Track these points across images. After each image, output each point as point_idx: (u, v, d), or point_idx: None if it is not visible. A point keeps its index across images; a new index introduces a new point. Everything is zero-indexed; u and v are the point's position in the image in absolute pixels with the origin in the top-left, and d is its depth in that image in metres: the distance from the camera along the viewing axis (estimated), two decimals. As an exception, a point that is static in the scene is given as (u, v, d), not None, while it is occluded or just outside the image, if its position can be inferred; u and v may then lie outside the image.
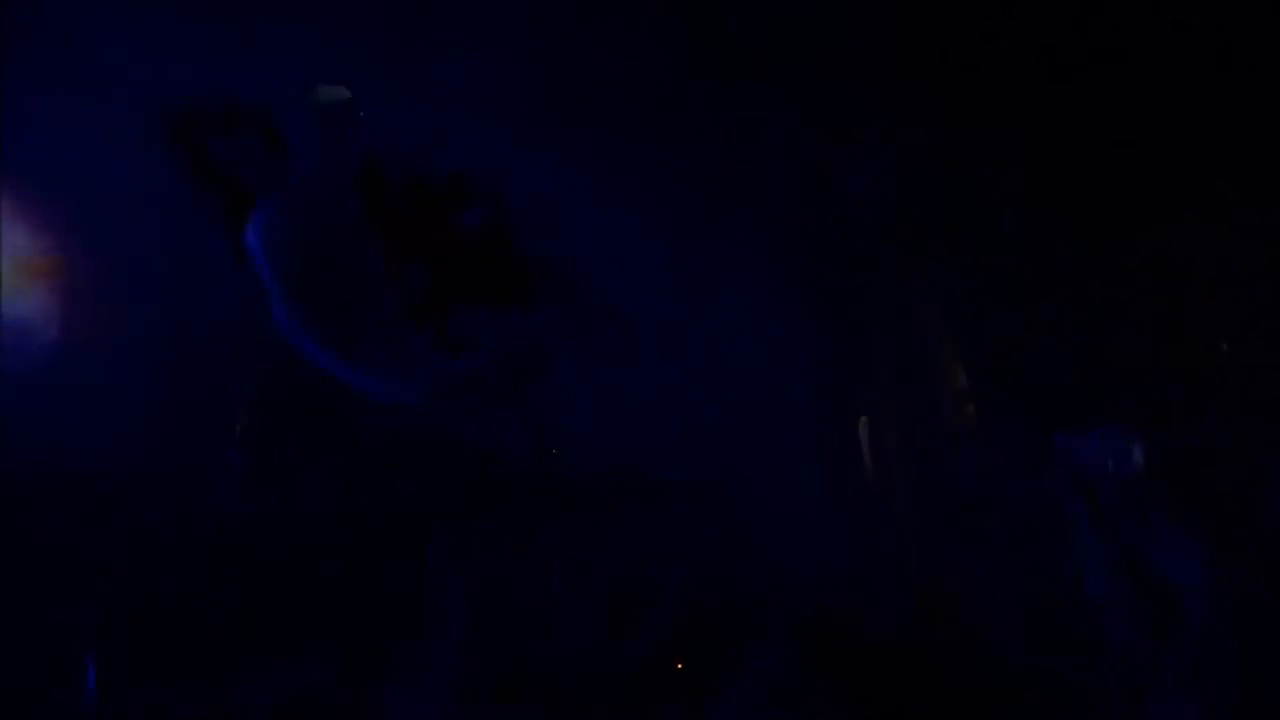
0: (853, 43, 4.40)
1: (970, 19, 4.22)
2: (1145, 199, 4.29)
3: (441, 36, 4.17)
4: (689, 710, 2.70)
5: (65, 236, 4.25)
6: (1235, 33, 3.95)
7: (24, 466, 3.80)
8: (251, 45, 3.98)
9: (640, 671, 2.85)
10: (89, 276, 4.32)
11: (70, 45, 4.05)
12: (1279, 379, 3.63)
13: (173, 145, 1.98)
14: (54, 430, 4.00)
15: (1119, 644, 2.40)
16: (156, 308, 4.47)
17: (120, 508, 3.82)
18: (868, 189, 4.84)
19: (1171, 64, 4.06)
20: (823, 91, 4.64)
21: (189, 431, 4.03)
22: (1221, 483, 2.84)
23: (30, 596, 3.40)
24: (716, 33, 4.33)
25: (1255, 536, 2.67)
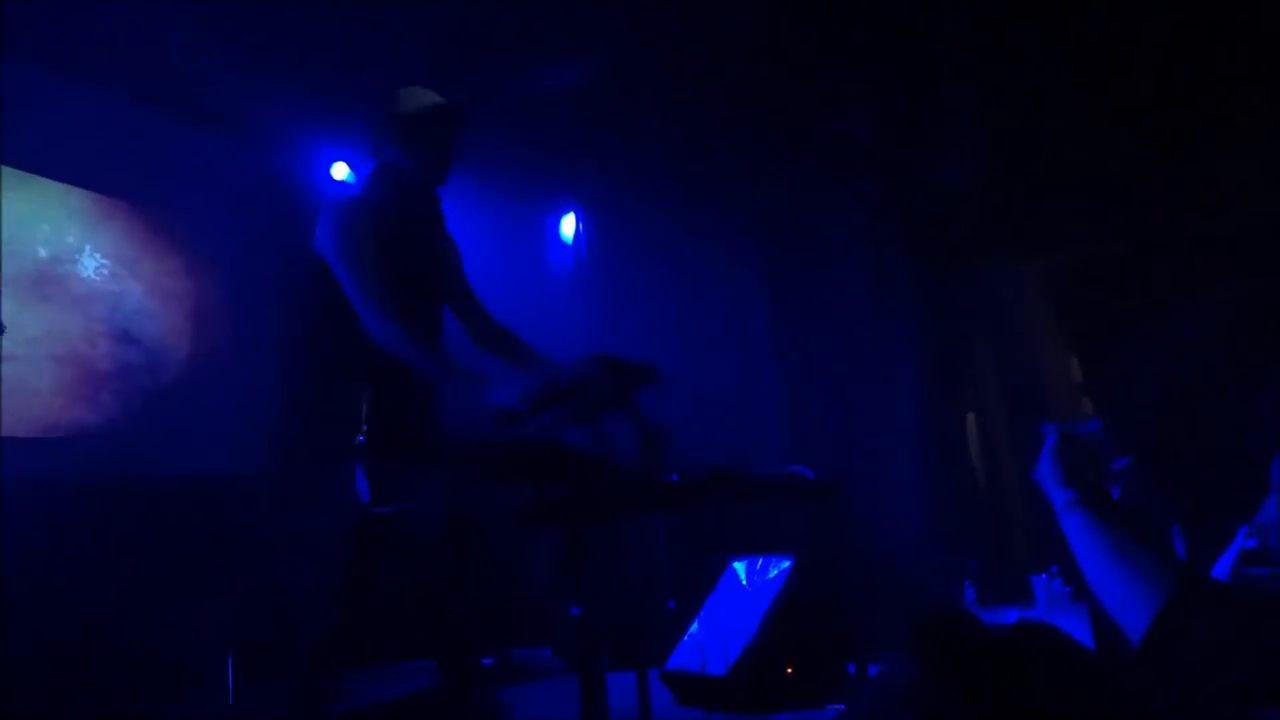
0: (934, 29, 4.28)
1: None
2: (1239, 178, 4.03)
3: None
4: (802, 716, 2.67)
5: (190, 259, 4.53)
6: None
7: (160, 475, 4.06)
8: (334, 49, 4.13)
9: (750, 677, 2.84)
10: (212, 295, 4.59)
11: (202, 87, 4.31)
12: None
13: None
14: (185, 439, 4.27)
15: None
16: (275, 322, 4.72)
17: (245, 513, 4.03)
18: (963, 178, 4.70)
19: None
20: (909, 79, 4.53)
21: (307, 440, 4.23)
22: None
23: (170, 598, 3.62)
24: (794, 27, 4.27)
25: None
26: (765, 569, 3.16)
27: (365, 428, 2.17)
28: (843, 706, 2.16)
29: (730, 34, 4.25)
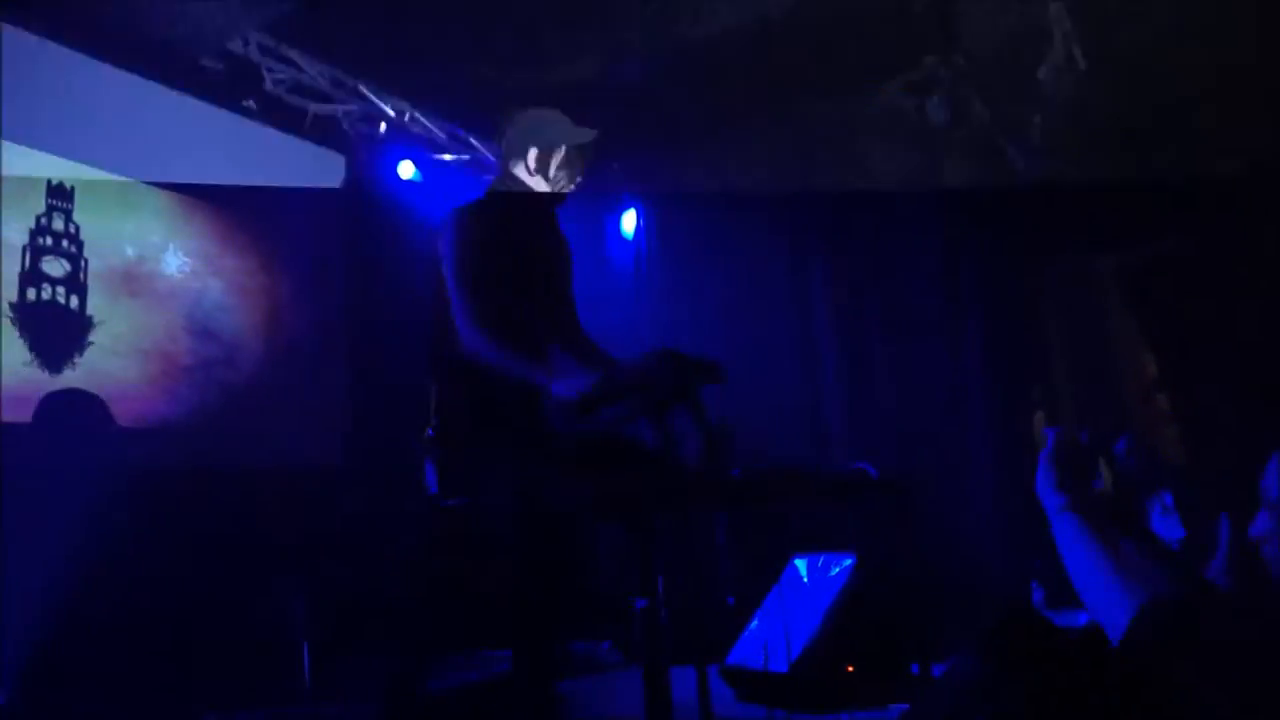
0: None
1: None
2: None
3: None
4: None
5: (266, 256, 4.68)
6: None
7: (239, 466, 4.22)
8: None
9: (812, 674, 2.83)
10: (286, 291, 4.74)
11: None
12: None
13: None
14: (262, 432, 4.42)
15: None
16: (348, 319, 4.86)
17: (321, 504, 4.17)
18: (1031, 170, 4.58)
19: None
20: (979, 66, 4.44)
21: (380, 432, 4.35)
22: None
23: (249, 584, 3.75)
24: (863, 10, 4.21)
25: None
26: (827, 566, 3.14)
27: (434, 422, 2.22)
28: (906, 706, 2.15)
29: (791, 22, 4.22)
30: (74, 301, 3.81)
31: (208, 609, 3.65)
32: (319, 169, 4.95)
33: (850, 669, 2.85)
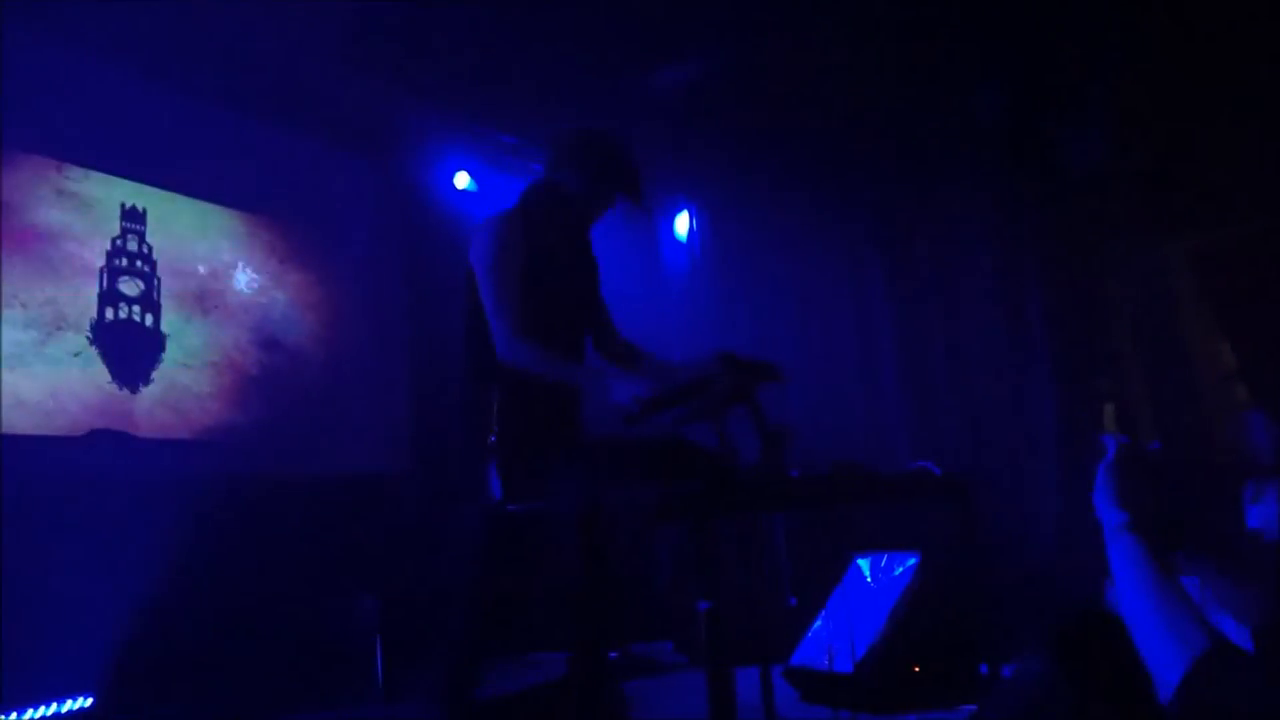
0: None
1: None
2: None
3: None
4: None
5: (327, 269, 4.81)
6: None
7: (307, 473, 4.34)
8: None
9: (877, 674, 2.80)
10: (347, 303, 4.86)
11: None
12: None
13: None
14: (328, 440, 4.54)
15: None
16: (408, 328, 4.96)
17: (387, 508, 4.27)
18: (1097, 160, 4.45)
19: None
20: (1039, 55, 4.34)
21: (443, 439, 4.43)
22: None
23: (321, 589, 3.86)
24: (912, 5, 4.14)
25: None
26: (890, 566, 3.11)
27: (496, 428, 2.26)
28: (974, 707, 2.12)
29: (843, 19, 4.18)
30: (149, 319, 3.97)
31: (283, 610, 3.77)
32: (376, 182, 5.07)
33: (916, 669, 2.82)
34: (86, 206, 3.84)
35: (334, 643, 3.72)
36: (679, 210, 6.11)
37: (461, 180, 5.20)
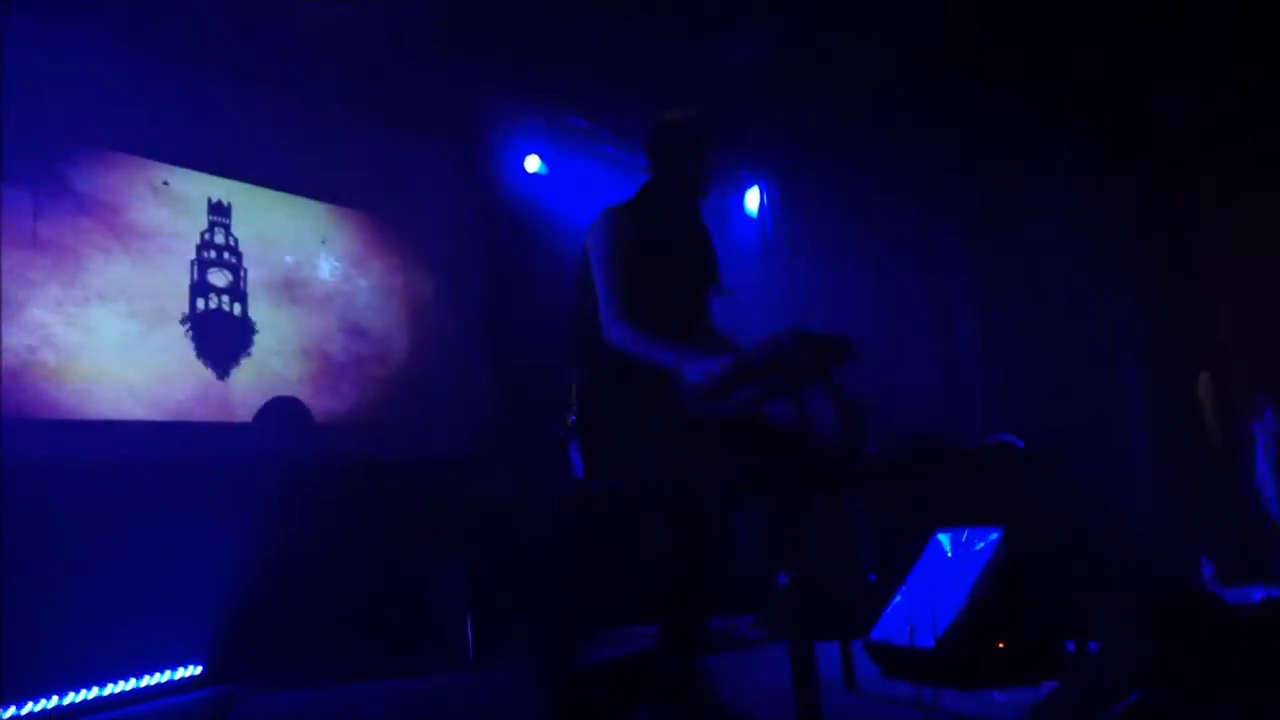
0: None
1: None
2: None
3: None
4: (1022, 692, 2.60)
5: (408, 256, 4.94)
6: None
7: (396, 455, 4.50)
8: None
9: (959, 649, 2.78)
10: (428, 288, 4.99)
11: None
12: None
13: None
14: (414, 423, 4.69)
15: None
16: (487, 310, 5.07)
17: (474, 487, 4.39)
18: (1185, 120, 4.25)
19: None
20: (1122, 14, 4.15)
21: (526, 419, 4.53)
22: None
23: (414, 560, 4.01)
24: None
25: None
26: (972, 541, 3.08)
27: (577, 408, 2.32)
28: (1058, 684, 2.09)
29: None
30: (236, 309, 4.15)
31: (378, 586, 3.94)
32: (452, 168, 5.17)
33: (1000, 645, 2.79)
34: (179, 203, 4.03)
35: (426, 613, 3.87)
36: (749, 186, 6.07)
37: (532, 164, 5.26)
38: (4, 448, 3.22)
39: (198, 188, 4.10)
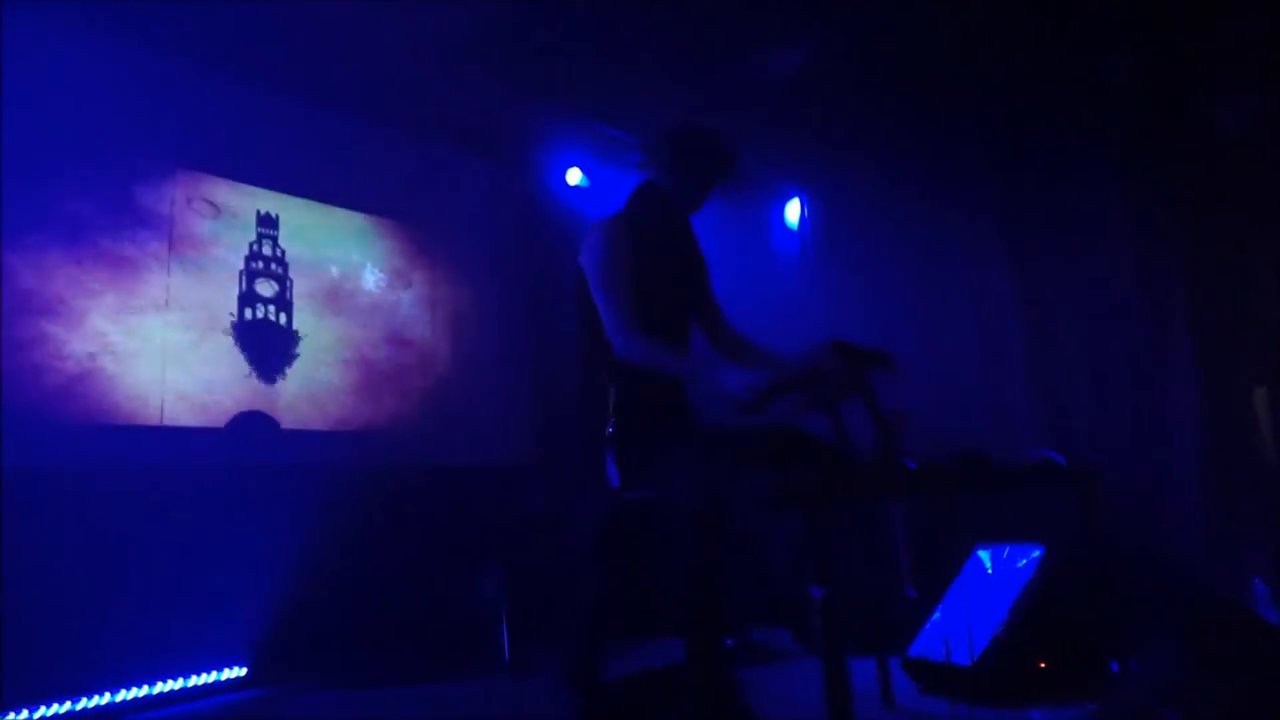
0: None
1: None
2: None
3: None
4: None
5: (450, 268, 5.02)
6: None
7: (436, 463, 4.56)
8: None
9: (998, 668, 2.74)
10: (469, 299, 5.06)
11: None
12: None
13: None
14: (455, 432, 4.75)
15: None
16: (528, 322, 5.13)
17: (511, 498, 4.43)
18: (1237, 126, 4.15)
19: None
20: (1176, 18, 4.08)
21: (562, 430, 4.57)
22: None
23: (451, 571, 4.06)
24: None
25: None
26: (1013, 558, 3.03)
27: (614, 419, 2.33)
28: (1098, 704, 2.05)
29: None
30: (283, 318, 4.25)
31: (417, 592, 4.00)
32: (495, 181, 5.24)
33: (1041, 665, 2.75)
34: (231, 216, 4.14)
35: (463, 620, 3.92)
36: (790, 198, 6.06)
37: (574, 177, 5.31)
38: (65, 453, 3.35)
39: (248, 201, 4.21)
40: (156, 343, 3.77)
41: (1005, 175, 4.89)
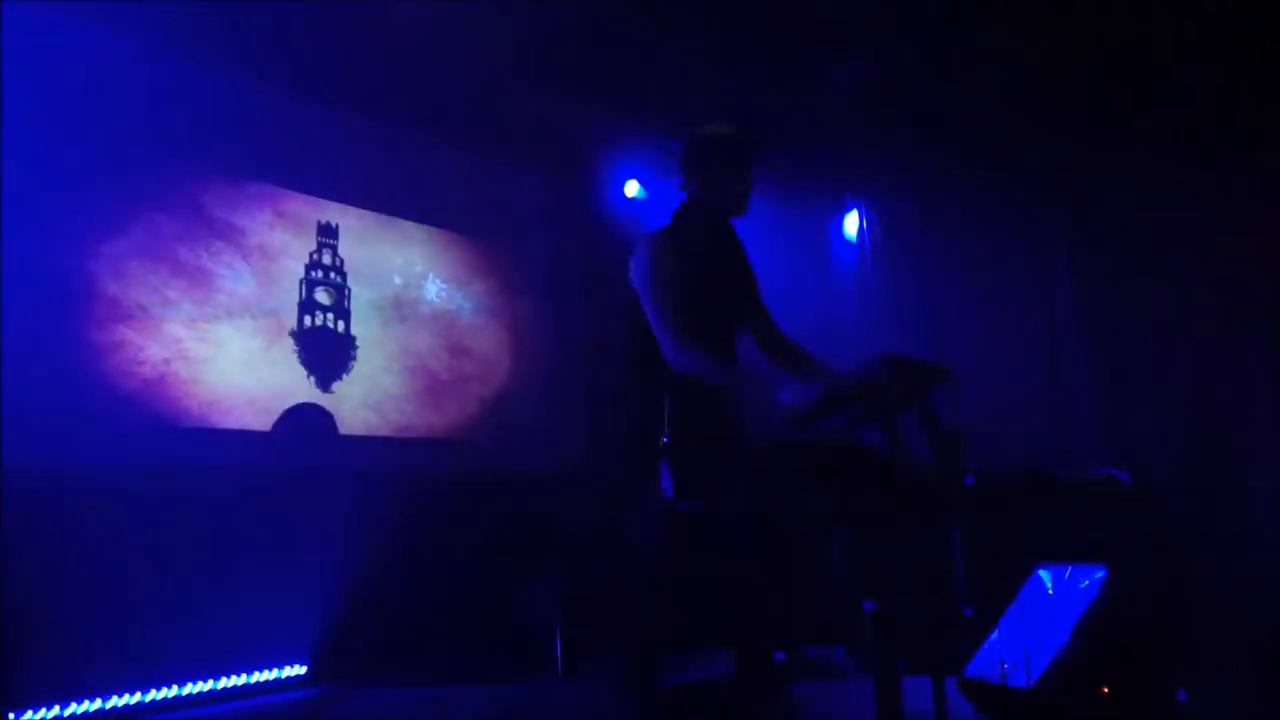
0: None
1: None
2: None
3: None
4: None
5: (509, 278, 5.10)
6: None
7: (494, 471, 4.63)
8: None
9: (1058, 691, 2.68)
10: (527, 310, 5.13)
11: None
12: None
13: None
14: (514, 441, 4.82)
15: None
16: (585, 333, 5.18)
17: (567, 507, 4.48)
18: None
19: None
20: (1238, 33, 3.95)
21: (615, 442, 4.59)
22: None
23: (506, 579, 4.12)
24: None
25: None
26: (1075, 579, 2.96)
27: (668, 429, 2.35)
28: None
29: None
30: (340, 326, 4.36)
31: (473, 596, 4.06)
32: (554, 193, 5.32)
33: (1105, 690, 2.67)
34: (297, 226, 4.28)
35: (518, 625, 3.97)
36: (848, 210, 6.01)
37: (631, 189, 5.35)
38: (143, 454, 3.49)
39: (314, 213, 4.34)
40: (227, 350, 3.90)
41: (1068, 185, 4.78)
